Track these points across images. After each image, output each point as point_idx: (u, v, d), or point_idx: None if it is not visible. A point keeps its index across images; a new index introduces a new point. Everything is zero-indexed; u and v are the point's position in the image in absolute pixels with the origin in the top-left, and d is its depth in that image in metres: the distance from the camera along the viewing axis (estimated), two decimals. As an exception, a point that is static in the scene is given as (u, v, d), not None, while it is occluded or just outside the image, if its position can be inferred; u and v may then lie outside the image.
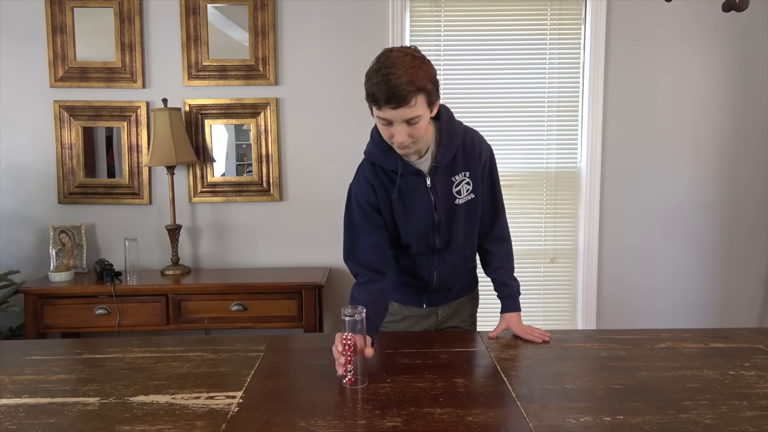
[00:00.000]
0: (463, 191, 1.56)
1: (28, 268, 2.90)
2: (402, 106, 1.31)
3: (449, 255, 1.64)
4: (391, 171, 1.51)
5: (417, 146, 1.45)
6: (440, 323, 1.75)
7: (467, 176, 1.56)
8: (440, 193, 1.54)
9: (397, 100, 1.30)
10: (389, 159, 1.49)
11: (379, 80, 1.30)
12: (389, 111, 1.32)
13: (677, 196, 2.98)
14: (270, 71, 2.85)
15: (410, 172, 1.51)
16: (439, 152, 1.50)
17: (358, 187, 1.55)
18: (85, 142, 2.87)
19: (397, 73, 1.29)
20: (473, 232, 1.65)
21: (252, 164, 2.91)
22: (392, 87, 1.29)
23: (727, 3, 1.68)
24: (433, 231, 1.59)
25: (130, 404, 1.20)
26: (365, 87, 1.35)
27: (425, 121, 1.38)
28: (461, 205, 1.57)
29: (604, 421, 1.11)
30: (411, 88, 1.30)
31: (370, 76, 1.33)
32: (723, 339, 1.57)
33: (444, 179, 1.54)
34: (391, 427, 1.10)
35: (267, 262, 2.97)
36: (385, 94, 1.30)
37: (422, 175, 1.52)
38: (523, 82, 2.93)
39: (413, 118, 1.34)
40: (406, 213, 1.55)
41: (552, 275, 3.04)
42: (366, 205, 1.54)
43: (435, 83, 1.37)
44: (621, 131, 2.94)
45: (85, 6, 2.81)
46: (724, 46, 2.90)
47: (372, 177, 1.53)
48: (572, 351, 1.49)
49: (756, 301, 3.05)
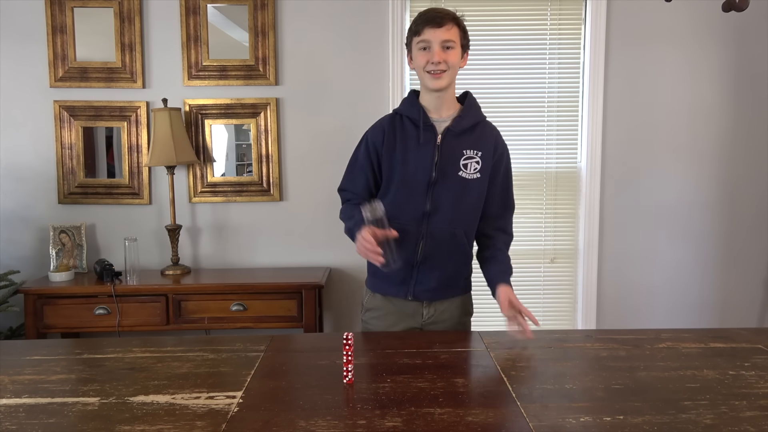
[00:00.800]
0: (470, 168, 1.64)
1: (28, 268, 2.90)
2: (441, 26, 1.56)
3: (438, 225, 1.64)
4: (409, 120, 1.67)
5: (447, 83, 1.61)
6: (425, 325, 1.72)
7: (478, 156, 1.65)
8: (445, 156, 1.63)
9: (437, 21, 1.56)
10: (413, 108, 1.67)
11: (424, 12, 1.61)
12: (429, 31, 1.56)
13: (677, 196, 2.98)
14: (270, 71, 2.85)
15: (427, 124, 1.65)
16: (456, 118, 1.66)
17: (371, 131, 1.72)
18: (85, 142, 2.88)
19: (439, 8, 1.62)
20: (469, 213, 1.67)
21: (252, 164, 2.91)
22: (433, 11, 1.59)
23: (727, 3, 1.68)
24: (427, 190, 1.63)
25: (130, 404, 1.20)
26: (410, 27, 1.63)
27: (456, 55, 1.60)
28: (464, 179, 1.64)
29: (604, 421, 1.11)
30: (450, 16, 1.59)
31: (415, 17, 1.62)
32: (723, 339, 1.57)
33: (454, 147, 1.64)
34: (391, 427, 1.10)
35: (267, 262, 2.97)
36: (428, 16, 1.57)
37: (435, 131, 1.64)
38: (523, 82, 2.93)
39: (448, 41, 1.57)
40: (407, 164, 1.64)
41: (552, 275, 3.04)
42: (372, 147, 1.68)
43: (467, 34, 1.64)
44: (621, 131, 2.94)
45: (85, 6, 2.81)
46: (724, 46, 2.90)
47: (388, 124, 1.69)
48: (572, 351, 1.49)
49: (756, 301, 3.05)
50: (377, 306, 1.74)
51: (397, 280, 1.69)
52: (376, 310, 1.74)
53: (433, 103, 1.67)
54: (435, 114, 1.67)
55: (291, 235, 2.95)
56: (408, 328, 1.72)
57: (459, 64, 1.63)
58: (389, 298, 1.73)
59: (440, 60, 1.57)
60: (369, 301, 1.78)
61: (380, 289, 1.73)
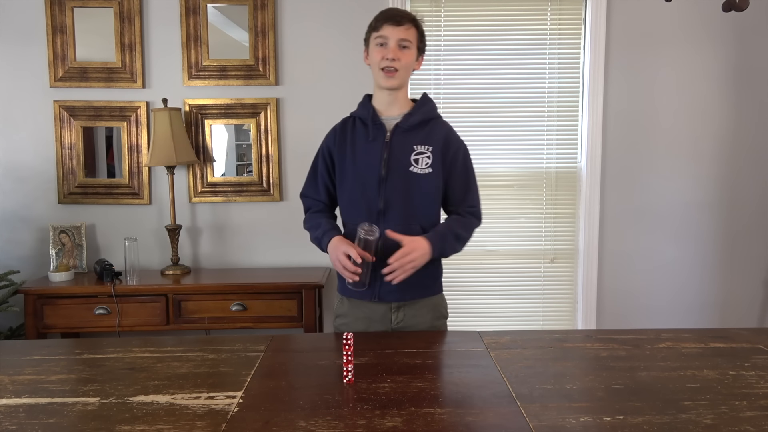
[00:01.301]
0: (422, 163, 1.66)
1: (28, 268, 2.90)
2: (400, 25, 1.61)
3: (393, 223, 1.61)
4: (360, 121, 1.71)
5: (400, 82, 1.64)
6: (395, 330, 1.69)
7: (429, 150, 1.66)
8: (395, 152, 1.65)
9: (397, 19, 1.61)
10: (365, 109, 1.71)
11: (384, 10, 1.67)
12: (388, 28, 1.61)
13: (677, 196, 2.98)
14: (270, 71, 2.85)
15: (376, 122, 1.68)
16: (405, 116, 1.68)
17: (326, 137, 1.77)
18: (85, 142, 2.88)
19: (399, 8, 1.70)
20: (423, 208, 1.66)
21: (252, 164, 2.91)
22: (394, 10, 1.66)
23: (727, 3, 1.68)
24: (379, 187, 1.64)
25: (130, 404, 1.20)
26: (370, 24, 1.66)
27: (412, 56, 1.64)
28: (415, 174, 1.65)
29: (604, 421, 1.11)
30: (409, 16, 1.64)
31: (375, 16, 1.66)
32: (723, 339, 1.57)
33: (404, 142, 1.66)
34: (391, 427, 1.10)
35: (267, 262, 2.97)
36: (388, 13, 1.63)
37: (384, 129, 1.67)
38: (523, 82, 2.93)
39: (405, 40, 1.62)
40: (357, 160, 1.68)
41: (552, 275, 3.04)
42: (326, 151, 1.74)
43: (424, 38, 1.69)
44: (621, 131, 2.94)
45: (85, 6, 2.81)
46: (724, 46, 2.90)
47: (340, 127, 1.74)
48: (572, 351, 1.49)
49: (756, 301, 3.05)
50: (345, 312, 1.73)
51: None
52: (344, 317, 1.73)
53: (384, 101, 1.69)
54: (386, 113, 1.70)
55: (291, 235, 2.95)
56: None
57: (413, 65, 1.67)
58: (356, 302, 1.70)
59: (395, 57, 1.60)
60: (338, 307, 1.76)
61: (347, 292, 1.69)
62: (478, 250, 3.00)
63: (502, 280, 3.03)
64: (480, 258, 3.01)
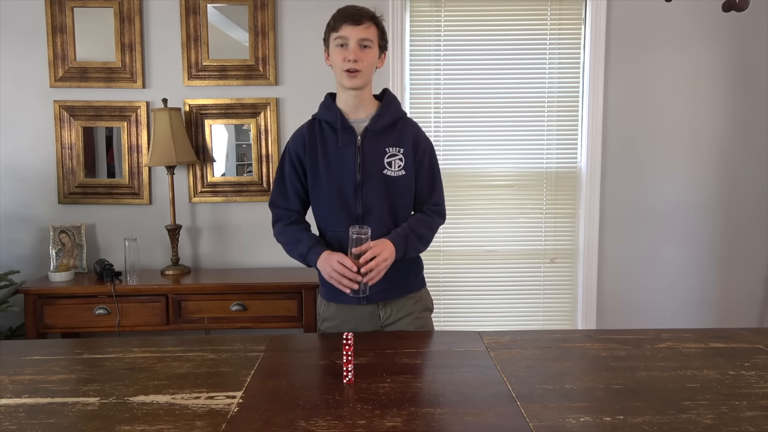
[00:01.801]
0: (395, 165, 1.65)
1: (28, 268, 2.90)
2: (359, 24, 1.56)
3: (373, 227, 1.59)
4: (328, 125, 1.67)
5: (362, 82, 1.60)
6: (384, 326, 1.70)
7: (401, 152, 1.65)
8: (368, 156, 1.63)
9: (355, 18, 1.56)
10: (330, 112, 1.66)
11: (342, 8, 1.59)
12: (347, 28, 1.56)
13: (677, 196, 2.98)
14: (270, 71, 2.85)
15: (345, 126, 1.64)
16: (374, 117, 1.65)
17: (292, 141, 1.71)
18: (85, 142, 2.87)
19: (358, 6, 1.60)
20: (400, 210, 1.67)
21: (252, 164, 2.91)
22: (352, 8, 1.59)
23: (727, 3, 1.68)
24: (355, 193, 1.63)
25: (130, 404, 1.20)
26: (328, 23, 1.61)
27: (373, 55, 1.60)
28: (390, 177, 1.64)
29: (604, 421, 1.11)
30: (368, 14, 1.59)
31: (333, 14, 1.60)
32: (723, 339, 1.57)
33: (375, 146, 1.64)
34: (391, 427, 1.10)
35: (267, 262, 2.97)
36: (346, 13, 1.57)
37: (354, 134, 1.64)
38: (523, 82, 2.93)
39: (365, 40, 1.57)
40: (330, 167, 1.64)
41: (552, 275, 3.04)
42: (295, 157, 1.68)
43: (385, 35, 1.65)
44: (621, 131, 2.94)
45: (85, 6, 2.81)
46: (724, 46, 2.90)
47: (307, 131, 1.69)
48: (572, 351, 1.49)
49: (755, 300, 3.05)
50: (332, 315, 1.71)
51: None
52: (332, 320, 1.71)
53: (350, 103, 1.65)
54: (353, 115, 1.66)
55: (291, 235, 2.95)
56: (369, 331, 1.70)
57: (376, 64, 1.63)
58: (343, 306, 1.69)
59: (356, 58, 1.56)
60: (324, 311, 1.74)
61: (334, 297, 1.68)
62: (478, 250, 3.00)
63: (502, 280, 3.03)
64: (480, 258, 3.01)
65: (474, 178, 2.97)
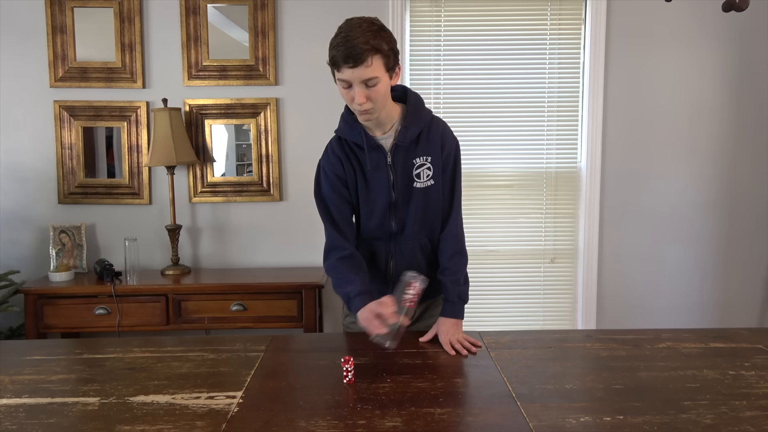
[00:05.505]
0: (423, 176, 1.58)
1: (28, 268, 2.90)
2: (359, 65, 1.39)
3: (405, 242, 1.61)
4: (355, 144, 1.57)
5: (378, 115, 1.49)
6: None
7: (428, 161, 1.58)
8: (400, 173, 1.57)
9: (354, 59, 1.38)
10: (353, 131, 1.56)
11: (339, 42, 1.40)
12: (347, 71, 1.40)
13: (677, 196, 2.98)
14: (270, 71, 2.85)
15: (372, 146, 1.56)
16: (401, 131, 1.55)
17: (326, 161, 1.61)
18: (85, 142, 2.87)
19: (355, 34, 1.40)
20: (431, 221, 1.63)
21: (252, 164, 2.91)
22: (350, 47, 1.38)
23: (727, 3, 1.68)
24: (390, 211, 1.60)
25: (130, 404, 1.20)
26: (328, 54, 1.44)
27: (384, 85, 1.45)
28: (419, 189, 1.59)
29: (604, 421, 1.11)
30: (367, 47, 1.38)
31: (331, 41, 1.43)
32: (723, 339, 1.57)
33: (405, 159, 1.57)
34: (391, 427, 1.10)
35: (267, 262, 2.97)
36: (343, 53, 1.38)
37: (383, 151, 1.56)
38: (523, 82, 2.93)
39: (370, 80, 1.41)
40: (368, 188, 1.59)
41: (552, 275, 3.04)
42: (334, 177, 1.59)
43: (393, 49, 1.46)
44: (621, 131, 2.94)
45: (85, 6, 2.81)
46: (724, 46, 2.90)
47: (339, 150, 1.59)
48: (572, 351, 1.49)
49: (756, 301, 3.05)
50: None
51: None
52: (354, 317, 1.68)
53: (372, 123, 1.55)
54: (378, 130, 1.56)
55: (291, 235, 2.95)
56: None
57: (388, 90, 1.49)
58: None
59: (364, 101, 1.43)
60: None
61: None
62: (478, 250, 3.00)
63: (502, 280, 3.03)
64: (480, 258, 3.01)
65: (474, 178, 2.97)
